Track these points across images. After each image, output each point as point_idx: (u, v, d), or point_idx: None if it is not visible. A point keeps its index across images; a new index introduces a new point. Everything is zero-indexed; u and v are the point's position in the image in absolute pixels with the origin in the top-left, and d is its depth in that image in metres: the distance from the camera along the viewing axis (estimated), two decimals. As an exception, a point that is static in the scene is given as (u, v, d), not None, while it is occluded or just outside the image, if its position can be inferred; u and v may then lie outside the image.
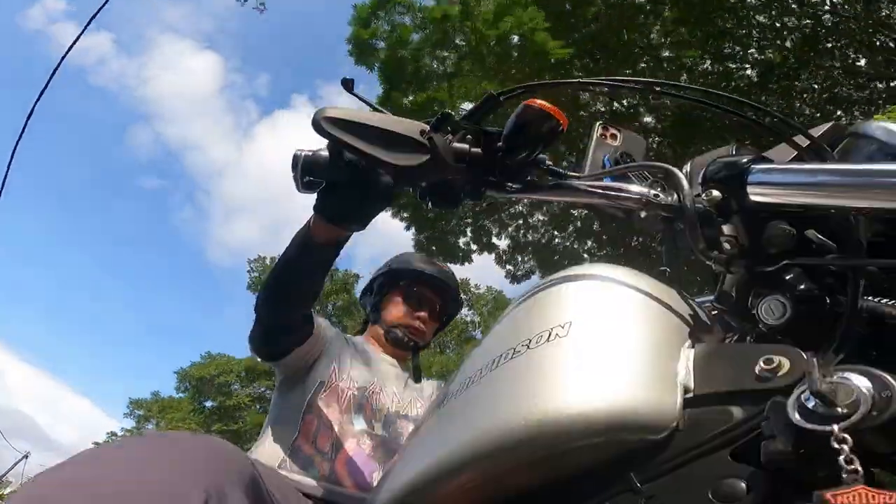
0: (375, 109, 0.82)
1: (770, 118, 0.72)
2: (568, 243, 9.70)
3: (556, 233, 9.85)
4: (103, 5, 5.85)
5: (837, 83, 7.72)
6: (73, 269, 50.60)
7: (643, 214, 0.74)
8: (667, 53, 8.37)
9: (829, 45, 7.64)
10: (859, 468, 0.38)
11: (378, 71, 8.36)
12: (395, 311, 1.57)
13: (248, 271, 23.59)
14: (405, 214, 8.86)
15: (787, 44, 7.77)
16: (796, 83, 7.64)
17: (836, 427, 0.40)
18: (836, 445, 0.39)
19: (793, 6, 7.67)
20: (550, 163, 0.79)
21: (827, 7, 7.65)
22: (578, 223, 9.38)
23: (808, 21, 7.61)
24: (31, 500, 0.60)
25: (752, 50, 8.04)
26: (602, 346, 0.58)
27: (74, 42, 7.28)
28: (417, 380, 1.58)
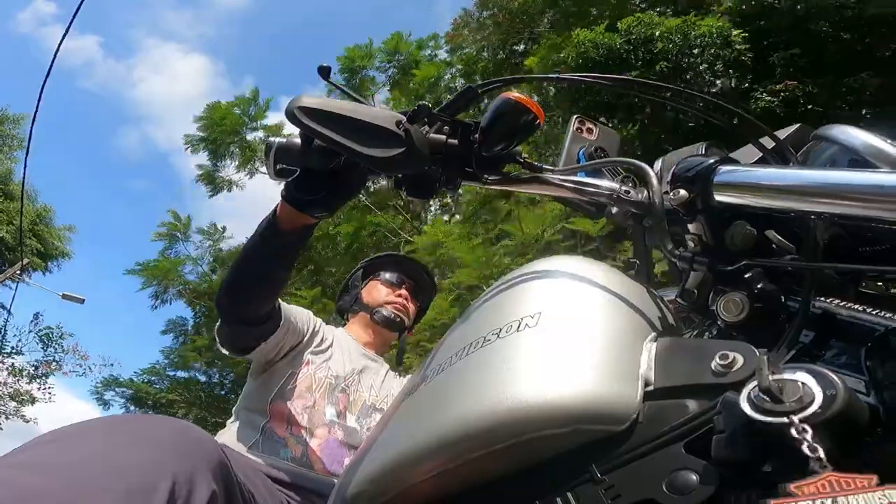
0: (353, 98, 0.82)
1: (740, 119, 0.74)
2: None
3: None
4: (80, 4, 5.76)
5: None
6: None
7: (614, 210, 0.75)
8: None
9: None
10: (823, 456, 0.38)
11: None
12: (377, 293, 1.64)
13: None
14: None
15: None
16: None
17: (795, 418, 0.40)
18: (797, 435, 0.39)
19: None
20: (526, 156, 0.80)
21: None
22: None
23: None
24: None
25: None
26: (569, 337, 0.59)
27: (61, 42, 7.19)
28: (400, 363, 1.63)
